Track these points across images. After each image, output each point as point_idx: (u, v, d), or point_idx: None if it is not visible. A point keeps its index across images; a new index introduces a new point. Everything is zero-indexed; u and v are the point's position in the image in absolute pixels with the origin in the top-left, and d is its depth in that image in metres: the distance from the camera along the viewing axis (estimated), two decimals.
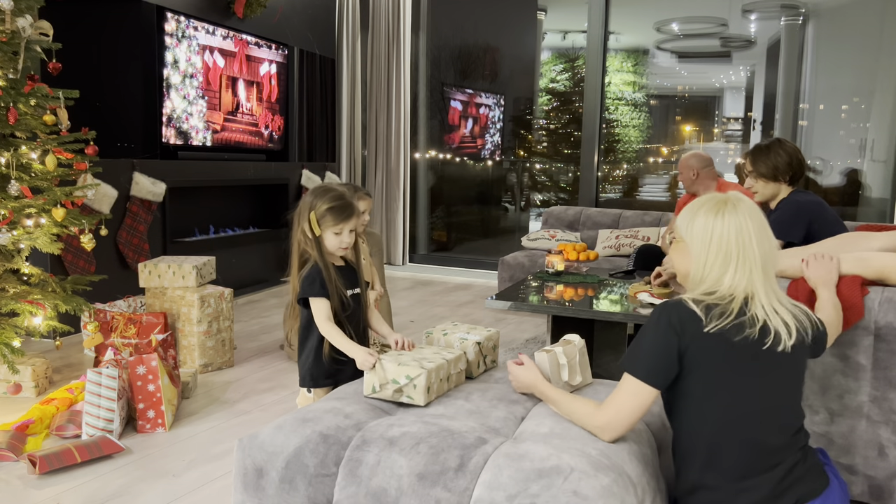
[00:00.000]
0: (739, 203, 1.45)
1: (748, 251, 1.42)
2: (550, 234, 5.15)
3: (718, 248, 1.43)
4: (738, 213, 1.43)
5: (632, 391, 1.43)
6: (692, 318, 1.39)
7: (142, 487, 2.25)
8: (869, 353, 1.75)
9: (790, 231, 2.67)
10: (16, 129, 2.89)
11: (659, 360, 1.41)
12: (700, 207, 1.47)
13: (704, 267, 1.45)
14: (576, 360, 1.76)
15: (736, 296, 1.42)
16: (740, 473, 1.41)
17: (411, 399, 1.67)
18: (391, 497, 1.36)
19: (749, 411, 1.41)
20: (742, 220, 1.42)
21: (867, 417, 1.77)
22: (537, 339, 4.21)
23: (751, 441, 1.41)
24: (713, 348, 1.39)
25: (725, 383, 1.41)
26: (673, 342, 1.40)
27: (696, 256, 1.47)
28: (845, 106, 5.80)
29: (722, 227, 1.43)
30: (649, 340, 1.43)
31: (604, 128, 6.01)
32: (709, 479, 1.44)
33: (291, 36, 6.00)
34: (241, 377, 3.41)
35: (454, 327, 2.09)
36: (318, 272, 2.00)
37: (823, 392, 1.80)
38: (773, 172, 2.76)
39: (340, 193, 2.04)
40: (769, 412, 1.42)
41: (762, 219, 1.45)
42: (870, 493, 1.80)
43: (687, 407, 1.45)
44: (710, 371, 1.41)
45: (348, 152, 6.75)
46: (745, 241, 1.42)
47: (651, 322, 1.44)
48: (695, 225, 1.47)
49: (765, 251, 1.43)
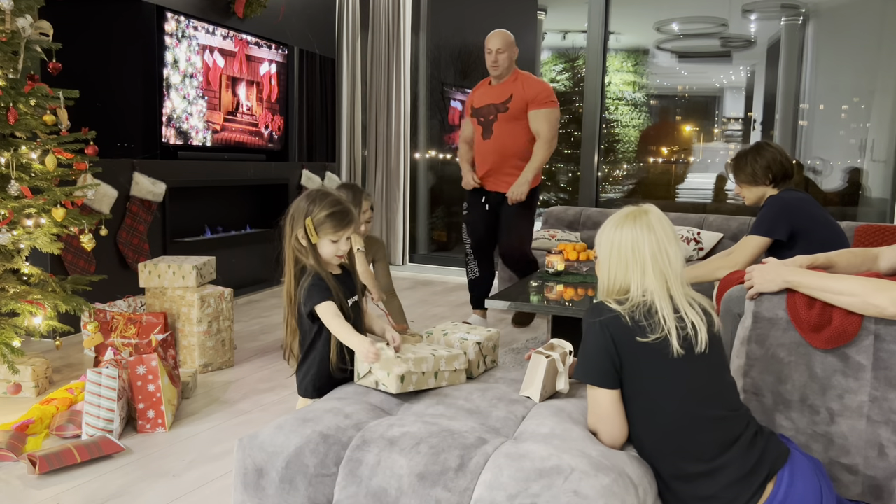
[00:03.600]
0: (642, 216, 1.56)
1: (644, 260, 1.52)
2: (550, 234, 5.15)
3: (619, 258, 1.54)
4: (636, 226, 1.54)
5: (594, 398, 1.53)
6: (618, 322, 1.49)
7: (142, 487, 2.25)
8: (869, 353, 1.75)
9: (773, 228, 2.67)
10: (16, 129, 2.89)
11: (603, 362, 1.49)
12: (608, 221, 1.61)
13: (608, 274, 1.57)
14: (567, 367, 1.77)
15: (647, 299, 1.51)
16: (710, 454, 1.47)
17: (385, 387, 1.71)
18: (391, 497, 1.36)
19: (693, 394, 1.49)
20: (639, 232, 1.53)
21: (867, 417, 1.77)
22: (537, 339, 4.21)
23: (704, 419, 1.48)
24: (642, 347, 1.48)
25: (660, 375, 1.48)
26: (610, 346, 1.48)
27: (601, 265, 1.59)
28: (845, 106, 5.80)
29: (621, 237, 1.55)
30: (591, 348, 1.51)
31: (604, 128, 6.01)
32: (684, 468, 1.48)
33: (291, 36, 6.00)
34: (241, 377, 3.41)
35: (454, 327, 2.09)
36: (319, 280, 1.87)
37: (823, 392, 1.80)
38: (753, 178, 2.80)
39: (339, 198, 1.92)
40: (711, 391, 1.51)
41: (666, 229, 1.55)
42: (870, 493, 1.80)
43: (638, 408, 1.51)
44: (644, 370, 1.49)
45: (348, 152, 6.75)
46: (642, 250, 1.53)
47: (585, 330, 1.53)
48: (601, 238, 1.60)
49: (666, 258, 1.53)
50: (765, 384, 1.85)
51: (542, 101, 3.92)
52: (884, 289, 1.69)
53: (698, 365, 1.49)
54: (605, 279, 1.59)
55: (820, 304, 1.78)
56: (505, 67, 3.95)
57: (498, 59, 3.94)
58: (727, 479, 1.46)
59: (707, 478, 1.47)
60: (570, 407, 1.65)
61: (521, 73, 4.03)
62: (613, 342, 1.48)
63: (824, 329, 1.77)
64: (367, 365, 1.78)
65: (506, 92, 3.98)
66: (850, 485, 1.82)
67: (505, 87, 4.00)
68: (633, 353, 1.48)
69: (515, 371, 1.99)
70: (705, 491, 1.47)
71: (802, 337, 1.81)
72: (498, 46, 3.93)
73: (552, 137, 3.92)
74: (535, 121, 3.92)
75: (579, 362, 1.54)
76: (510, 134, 3.97)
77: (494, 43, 3.94)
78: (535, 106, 3.92)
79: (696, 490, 1.48)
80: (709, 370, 1.51)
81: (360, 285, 2.03)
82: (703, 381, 1.50)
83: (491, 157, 4.02)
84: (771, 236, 2.66)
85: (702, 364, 1.50)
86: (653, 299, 1.51)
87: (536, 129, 3.92)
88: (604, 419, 1.52)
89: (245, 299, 5.22)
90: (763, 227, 2.68)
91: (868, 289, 1.70)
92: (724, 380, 1.55)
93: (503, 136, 3.98)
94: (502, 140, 3.98)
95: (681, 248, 1.58)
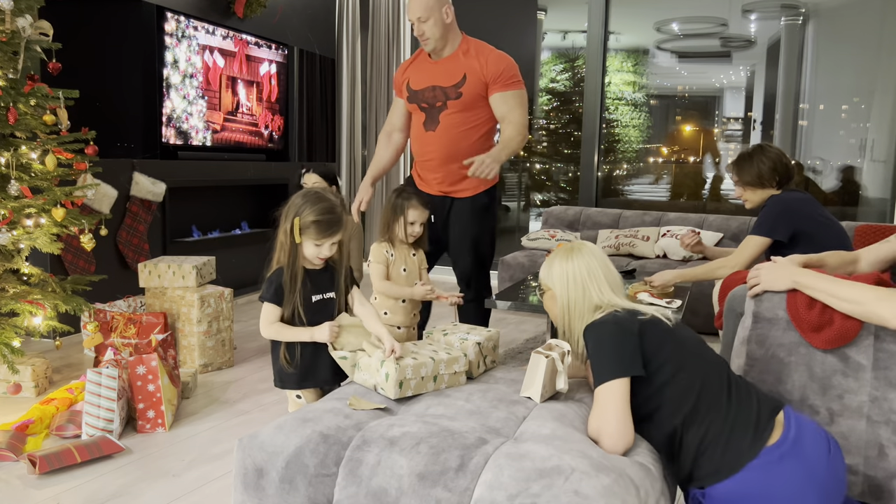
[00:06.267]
0: (582, 247, 1.77)
1: (599, 279, 1.72)
2: (550, 234, 5.15)
3: (575, 284, 1.72)
4: (582, 254, 1.75)
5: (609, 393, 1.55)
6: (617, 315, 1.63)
7: (142, 487, 2.25)
8: (869, 353, 1.75)
9: (774, 229, 2.67)
10: (16, 129, 2.89)
11: (625, 349, 1.58)
12: (553, 258, 1.78)
13: (567, 304, 1.72)
14: (566, 366, 1.77)
15: (613, 305, 1.68)
16: (725, 405, 1.56)
17: (384, 391, 1.71)
18: (391, 497, 1.36)
19: (699, 351, 1.64)
20: (587, 257, 1.74)
21: (867, 417, 1.77)
22: (537, 338, 4.21)
23: (713, 374, 1.61)
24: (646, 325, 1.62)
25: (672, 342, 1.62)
26: (625, 331, 1.60)
27: (557, 300, 1.74)
28: (845, 106, 5.80)
29: (573, 266, 1.73)
30: (607, 344, 1.59)
31: (604, 128, 6.01)
32: (709, 431, 1.54)
33: (291, 36, 6.00)
34: (241, 377, 3.41)
35: (454, 327, 2.09)
36: (278, 277, 1.97)
37: (823, 392, 1.80)
38: (759, 179, 2.78)
39: (330, 206, 1.95)
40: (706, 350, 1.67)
41: (602, 255, 1.77)
42: (870, 494, 1.80)
43: (665, 380, 1.58)
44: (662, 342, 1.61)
45: (348, 152, 6.75)
46: (594, 271, 1.73)
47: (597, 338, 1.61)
48: (552, 273, 1.76)
49: (611, 278, 1.74)
50: (765, 384, 1.85)
51: (509, 81, 2.93)
52: (888, 298, 1.69)
53: (688, 333, 1.68)
54: (563, 310, 1.73)
55: (820, 305, 1.78)
56: (437, 37, 2.91)
57: (424, 30, 2.91)
58: (739, 426, 1.53)
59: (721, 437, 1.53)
60: (571, 413, 1.65)
61: (472, 41, 3.02)
62: (630, 329, 1.59)
63: (825, 329, 1.77)
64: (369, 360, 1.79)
65: (456, 71, 2.95)
66: (850, 485, 1.82)
67: (453, 65, 2.96)
68: (646, 331, 1.60)
69: (515, 371, 1.99)
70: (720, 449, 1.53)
71: (802, 337, 1.81)
72: (418, 15, 2.89)
73: (526, 124, 2.96)
74: (502, 105, 2.94)
75: (597, 366, 1.57)
76: (462, 126, 2.96)
77: (413, 12, 2.90)
78: (501, 87, 2.92)
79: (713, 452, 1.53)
80: (696, 339, 1.68)
81: (341, 281, 2.04)
82: (700, 344, 1.67)
83: (436, 155, 3.00)
84: (772, 237, 2.66)
85: (690, 334, 1.68)
86: (616, 301, 1.69)
87: (504, 115, 2.94)
88: (613, 422, 1.51)
89: (245, 299, 5.22)
90: (764, 228, 2.69)
91: (873, 297, 1.70)
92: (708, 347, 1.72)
93: (453, 129, 2.96)
94: (451, 135, 2.96)
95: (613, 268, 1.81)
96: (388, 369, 1.71)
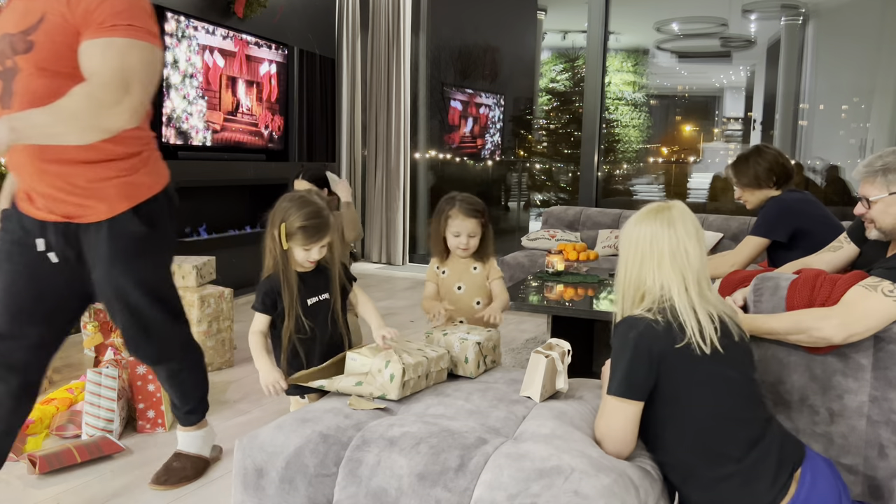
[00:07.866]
0: (664, 211, 1.52)
1: (661, 257, 1.49)
2: (550, 234, 5.15)
3: (636, 253, 1.52)
4: (656, 221, 1.51)
5: (616, 410, 1.48)
6: (653, 331, 1.45)
7: (142, 487, 2.25)
8: (869, 353, 1.75)
9: (773, 229, 2.68)
10: None
11: (638, 375, 1.46)
12: (629, 219, 1.57)
13: (625, 274, 1.54)
14: (565, 366, 1.77)
15: (665, 295, 1.49)
16: (738, 454, 1.46)
17: (386, 393, 1.70)
18: (391, 497, 1.36)
19: (722, 394, 1.47)
20: (658, 227, 1.50)
21: (867, 417, 1.77)
22: (537, 338, 4.21)
23: (732, 419, 1.47)
24: (677, 352, 1.45)
25: (691, 377, 1.47)
26: (648, 358, 1.45)
27: (619, 266, 1.57)
28: (845, 106, 5.80)
29: (639, 233, 1.52)
30: (627, 362, 1.47)
31: (604, 128, 6.01)
32: (722, 470, 1.46)
33: (291, 36, 6.00)
34: (241, 377, 3.41)
35: (455, 327, 2.09)
36: (272, 284, 1.93)
37: (823, 392, 1.80)
38: (756, 180, 2.79)
39: (317, 210, 1.89)
40: (737, 390, 1.49)
41: (687, 226, 1.51)
42: (870, 494, 1.80)
43: (668, 413, 1.49)
44: (679, 374, 1.46)
45: (348, 152, 6.75)
46: (660, 245, 1.49)
47: (620, 345, 1.48)
48: (622, 235, 1.58)
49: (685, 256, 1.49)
50: (765, 384, 1.85)
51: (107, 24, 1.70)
52: (823, 317, 1.70)
53: (724, 365, 1.47)
54: (621, 280, 1.56)
55: (820, 305, 1.78)
56: None
57: None
58: (755, 478, 1.45)
59: (734, 479, 1.45)
60: (571, 411, 1.64)
61: None
62: (651, 353, 1.45)
63: None
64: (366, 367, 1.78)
65: (35, 8, 1.75)
66: (850, 485, 1.82)
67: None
68: (670, 360, 1.45)
69: (515, 371, 1.99)
70: (731, 494, 1.46)
71: None
72: None
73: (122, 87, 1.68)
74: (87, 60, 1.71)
75: (612, 376, 1.50)
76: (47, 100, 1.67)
77: None
78: (92, 33, 1.71)
79: (721, 495, 1.46)
80: (734, 369, 1.49)
81: (335, 282, 2.00)
82: (731, 380, 1.48)
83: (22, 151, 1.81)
84: (770, 237, 2.67)
85: (728, 364, 1.48)
86: (671, 296, 1.48)
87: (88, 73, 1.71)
88: (619, 433, 1.49)
89: (245, 299, 5.22)
90: (763, 229, 2.69)
91: (808, 323, 1.71)
92: (750, 379, 1.52)
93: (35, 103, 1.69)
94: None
95: (704, 248, 1.53)
96: (392, 370, 1.70)
